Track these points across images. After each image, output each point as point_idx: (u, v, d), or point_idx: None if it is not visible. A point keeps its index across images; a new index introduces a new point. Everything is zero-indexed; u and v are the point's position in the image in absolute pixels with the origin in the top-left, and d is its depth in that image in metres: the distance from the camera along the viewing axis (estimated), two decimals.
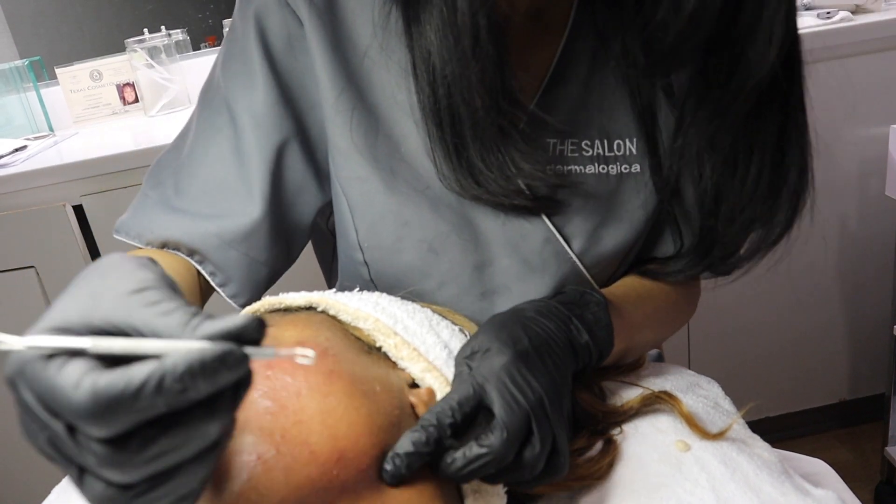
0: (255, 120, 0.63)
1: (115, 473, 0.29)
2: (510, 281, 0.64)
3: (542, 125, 0.61)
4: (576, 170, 0.63)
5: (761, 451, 0.56)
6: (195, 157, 0.66)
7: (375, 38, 0.61)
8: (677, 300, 0.72)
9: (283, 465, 0.40)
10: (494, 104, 0.55)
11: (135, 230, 0.66)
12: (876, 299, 1.60)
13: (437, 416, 0.45)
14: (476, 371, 0.47)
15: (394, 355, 0.51)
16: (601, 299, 0.59)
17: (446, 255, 0.63)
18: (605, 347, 0.57)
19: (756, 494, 0.50)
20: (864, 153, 1.49)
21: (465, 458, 0.44)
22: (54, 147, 1.54)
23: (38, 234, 1.32)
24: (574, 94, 0.63)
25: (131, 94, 1.73)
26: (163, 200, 0.66)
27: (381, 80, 0.62)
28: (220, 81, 0.66)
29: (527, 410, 0.45)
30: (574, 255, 0.63)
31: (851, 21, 1.43)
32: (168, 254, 0.64)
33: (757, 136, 0.58)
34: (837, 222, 1.55)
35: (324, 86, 0.62)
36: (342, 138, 0.63)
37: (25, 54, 1.84)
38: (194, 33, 1.88)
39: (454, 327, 0.57)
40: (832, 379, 1.70)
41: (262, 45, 0.63)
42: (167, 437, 0.29)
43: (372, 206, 0.63)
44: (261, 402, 0.43)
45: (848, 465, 1.64)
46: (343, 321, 0.54)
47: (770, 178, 0.59)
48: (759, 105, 0.56)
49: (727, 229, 0.62)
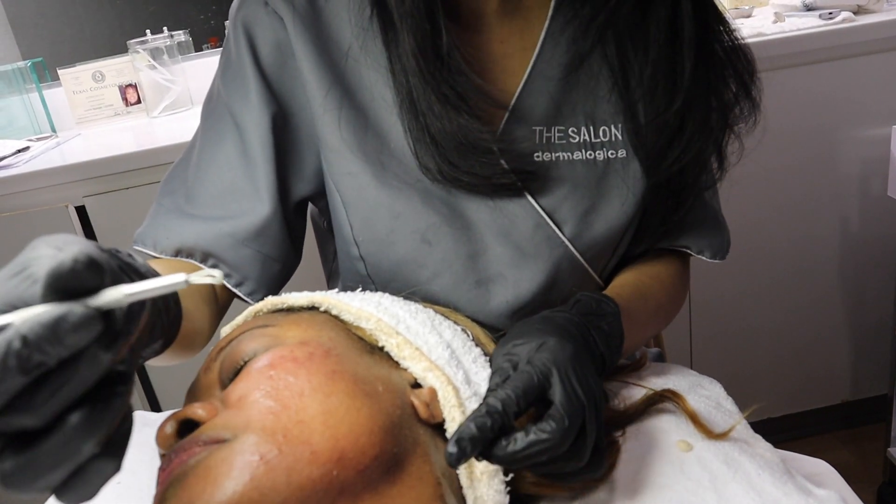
0: (256, 123, 0.66)
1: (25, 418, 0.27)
2: (504, 268, 0.65)
3: (526, 112, 0.64)
4: (563, 157, 0.65)
5: (763, 451, 0.56)
6: (203, 164, 0.68)
7: (357, 39, 0.64)
8: (674, 291, 0.74)
9: (286, 465, 0.40)
10: (431, 70, 0.58)
11: (150, 239, 0.67)
12: (878, 300, 1.60)
13: (502, 403, 0.44)
14: (536, 361, 0.47)
15: (396, 355, 0.51)
16: (616, 310, 0.59)
17: (439, 246, 0.64)
18: (615, 355, 0.58)
19: (758, 494, 0.50)
20: (866, 154, 1.49)
21: (525, 441, 0.44)
22: (57, 148, 1.55)
23: (40, 234, 1.31)
24: (557, 81, 0.65)
25: (133, 95, 1.73)
26: (176, 208, 0.67)
27: (365, 78, 0.65)
28: (220, 91, 0.69)
29: (584, 404, 0.46)
30: (566, 240, 0.65)
31: (853, 22, 1.43)
32: (182, 262, 0.65)
33: (647, 34, 0.61)
34: (839, 223, 1.55)
35: (311, 86, 0.65)
36: (332, 136, 0.65)
37: (28, 55, 1.84)
38: (196, 34, 1.88)
39: (456, 327, 0.57)
40: (834, 380, 1.69)
41: (251, 52, 0.66)
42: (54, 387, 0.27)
43: (364, 199, 0.65)
44: (263, 402, 0.43)
45: (850, 466, 1.64)
46: (345, 321, 0.54)
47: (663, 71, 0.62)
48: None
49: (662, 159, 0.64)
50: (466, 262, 0.65)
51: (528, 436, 0.44)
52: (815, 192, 1.51)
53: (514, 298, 0.65)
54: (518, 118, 0.64)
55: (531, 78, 0.65)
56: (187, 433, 0.45)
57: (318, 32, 0.65)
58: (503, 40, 0.65)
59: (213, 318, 0.64)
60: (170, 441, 0.45)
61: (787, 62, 1.39)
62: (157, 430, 0.46)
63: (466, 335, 0.57)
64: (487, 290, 0.65)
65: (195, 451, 0.42)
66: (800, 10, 1.53)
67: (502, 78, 0.65)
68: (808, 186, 1.50)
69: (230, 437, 0.42)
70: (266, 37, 0.66)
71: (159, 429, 0.45)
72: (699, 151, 0.64)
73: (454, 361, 0.52)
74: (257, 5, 0.66)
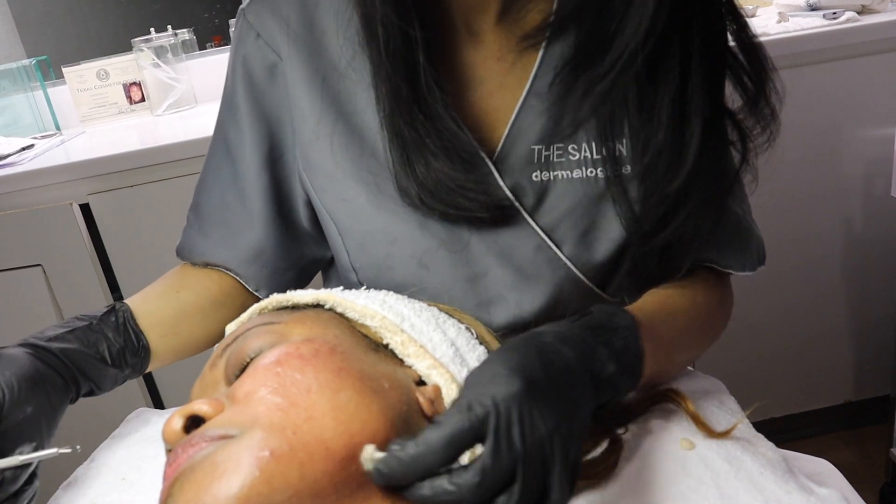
0: (249, 155, 0.68)
1: None
2: (505, 290, 0.64)
3: (525, 130, 0.61)
4: (562, 175, 0.62)
5: (765, 450, 0.56)
6: (206, 189, 0.72)
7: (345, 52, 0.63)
8: (710, 308, 0.67)
9: (298, 460, 0.41)
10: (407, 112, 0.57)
11: (185, 254, 0.73)
12: (881, 300, 1.60)
13: (411, 457, 0.40)
14: (476, 400, 0.41)
15: (400, 352, 0.52)
16: (631, 322, 0.53)
17: (437, 270, 0.63)
18: (634, 377, 0.52)
19: (760, 492, 0.50)
20: (870, 154, 1.49)
21: (431, 490, 0.40)
22: (61, 146, 1.55)
23: (44, 232, 1.32)
24: (557, 98, 0.61)
25: (138, 93, 1.74)
26: (194, 225, 0.73)
27: (363, 98, 0.63)
28: (222, 118, 0.71)
29: (518, 456, 0.40)
30: (567, 260, 0.63)
31: (857, 21, 1.43)
32: (213, 270, 0.72)
33: (652, 106, 0.55)
34: (842, 223, 1.55)
35: (303, 113, 0.65)
36: (325, 162, 0.65)
37: (32, 53, 1.85)
38: (200, 33, 1.88)
39: (460, 325, 0.57)
40: (837, 380, 1.69)
41: (246, 87, 0.67)
42: None
43: (359, 225, 0.65)
44: (270, 399, 0.43)
45: (853, 466, 1.64)
46: (350, 318, 0.54)
47: (665, 146, 0.56)
48: (649, 76, 0.54)
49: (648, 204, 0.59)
50: (465, 286, 0.64)
51: (442, 482, 0.40)
52: (818, 191, 1.51)
53: (516, 320, 0.64)
54: (516, 137, 0.62)
55: (530, 94, 0.61)
56: (193, 429, 0.45)
57: (313, 54, 0.64)
58: (500, 57, 0.62)
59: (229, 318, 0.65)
60: (176, 436, 0.45)
61: (790, 62, 1.39)
62: (163, 425, 0.46)
63: (470, 333, 0.57)
64: (488, 311, 0.64)
65: (202, 446, 0.42)
66: (804, 10, 1.53)
67: (499, 95, 0.62)
68: (812, 185, 1.50)
69: (237, 432, 0.42)
70: (260, 69, 0.66)
71: (166, 424, 0.46)
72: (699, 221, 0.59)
73: (458, 359, 0.52)
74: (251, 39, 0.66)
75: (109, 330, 0.62)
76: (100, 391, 0.61)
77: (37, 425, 0.53)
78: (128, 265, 1.36)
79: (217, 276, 0.72)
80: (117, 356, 0.62)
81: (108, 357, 0.61)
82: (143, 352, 0.64)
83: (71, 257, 1.34)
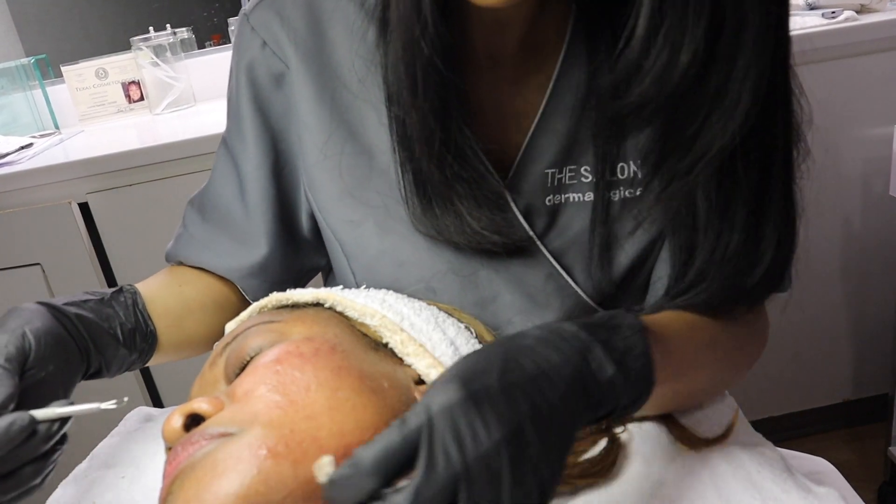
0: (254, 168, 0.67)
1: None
2: (514, 315, 0.63)
3: (535, 157, 0.60)
4: (574, 198, 0.60)
5: (764, 449, 0.56)
6: (210, 199, 0.71)
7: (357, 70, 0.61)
8: (738, 334, 0.61)
9: (293, 458, 0.41)
10: (436, 156, 0.54)
11: (182, 260, 0.71)
12: (880, 299, 1.60)
13: (350, 474, 0.35)
14: (413, 411, 0.36)
15: (400, 351, 0.52)
16: (635, 322, 0.45)
17: (445, 294, 0.62)
18: (640, 382, 0.44)
19: (758, 491, 0.50)
20: (869, 153, 1.49)
21: None
22: (60, 145, 1.55)
23: (43, 231, 1.32)
24: (571, 121, 0.59)
25: (137, 92, 1.74)
26: (195, 234, 0.71)
27: (372, 117, 0.61)
28: (227, 128, 0.69)
29: (457, 473, 0.34)
30: (578, 288, 0.61)
31: (856, 21, 1.43)
32: (210, 274, 0.70)
33: (728, 203, 0.52)
34: (841, 222, 1.55)
35: (311, 131, 0.63)
36: (333, 183, 0.63)
37: (31, 52, 1.84)
38: (199, 32, 1.88)
39: (460, 325, 0.57)
40: (836, 379, 1.69)
41: (250, 96, 0.65)
42: None
43: (367, 248, 0.63)
44: (270, 397, 0.43)
45: (851, 465, 1.64)
46: (350, 317, 0.54)
47: (740, 248, 0.53)
48: (728, 171, 0.51)
49: (696, 287, 0.56)
50: (473, 310, 0.62)
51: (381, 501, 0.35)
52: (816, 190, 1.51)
53: None
54: (529, 161, 0.60)
55: (544, 117, 0.59)
56: (193, 427, 0.45)
57: (323, 70, 0.62)
58: (517, 80, 0.60)
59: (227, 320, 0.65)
60: (176, 434, 0.45)
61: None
62: (163, 423, 0.46)
63: (470, 332, 0.57)
64: (497, 336, 0.63)
65: (202, 444, 0.43)
66: (802, 9, 1.53)
67: (514, 121, 0.60)
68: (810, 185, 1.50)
69: (237, 430, 0.42)
70: (265, 78, 0.64)
71: (166, 422, 0.46)
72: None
73: (458, 358, 0.52)
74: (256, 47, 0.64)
75: (121, 308, 0.60)
76: (107, 373, 0.59)
77: (54, 389, 0.50)
78: (127, 264, 1.36)
79: (215, 279, 0.71)
80: (129, 336, 0.60)
81: (121, 335, 0.59)
82: (151, 338, 0.63)
83: (70, 256, 1.34)
